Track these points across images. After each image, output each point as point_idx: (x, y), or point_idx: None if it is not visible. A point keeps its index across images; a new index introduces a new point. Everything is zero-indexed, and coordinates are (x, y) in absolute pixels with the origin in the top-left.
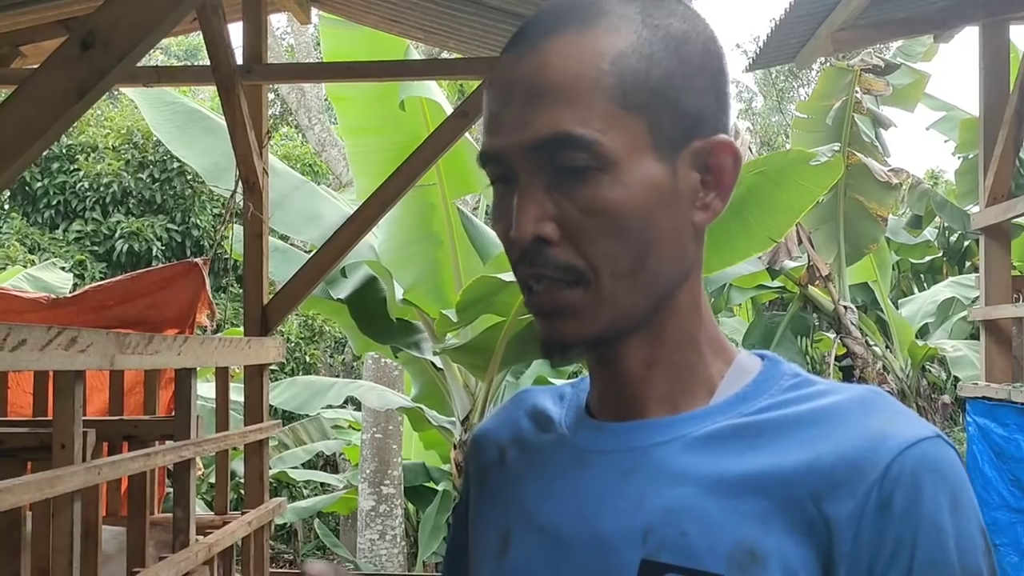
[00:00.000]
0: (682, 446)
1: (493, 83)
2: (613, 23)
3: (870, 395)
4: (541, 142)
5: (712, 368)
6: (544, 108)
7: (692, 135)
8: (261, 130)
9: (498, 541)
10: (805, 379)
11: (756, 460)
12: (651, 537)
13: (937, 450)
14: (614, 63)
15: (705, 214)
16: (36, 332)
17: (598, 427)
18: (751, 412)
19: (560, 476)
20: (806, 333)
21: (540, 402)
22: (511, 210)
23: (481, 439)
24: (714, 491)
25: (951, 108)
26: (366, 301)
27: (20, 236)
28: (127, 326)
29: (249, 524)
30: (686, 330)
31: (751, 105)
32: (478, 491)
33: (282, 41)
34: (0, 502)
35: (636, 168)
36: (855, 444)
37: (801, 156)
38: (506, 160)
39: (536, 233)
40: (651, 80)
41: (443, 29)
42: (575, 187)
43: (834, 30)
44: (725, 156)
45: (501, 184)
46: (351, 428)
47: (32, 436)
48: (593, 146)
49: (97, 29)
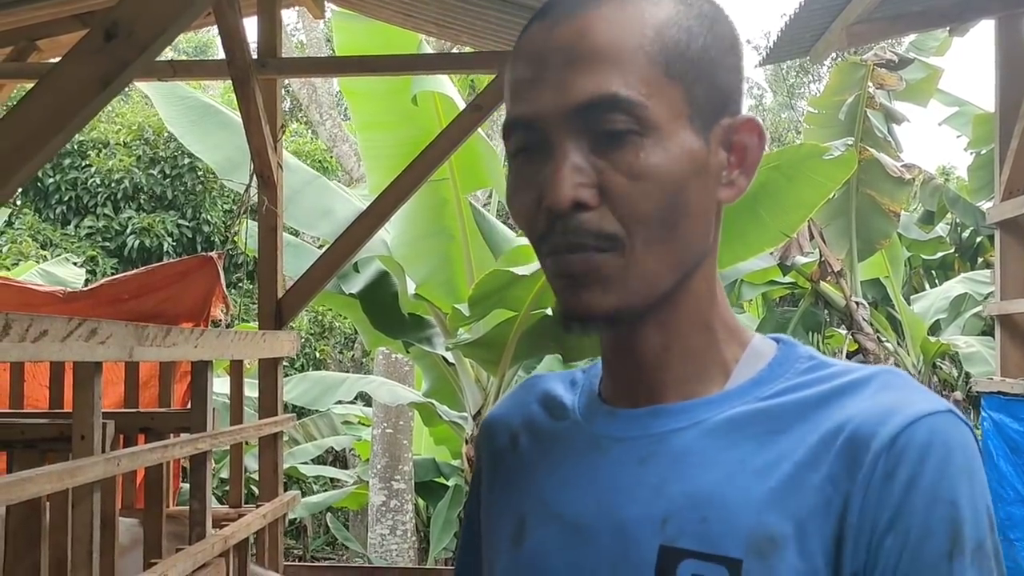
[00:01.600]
0: (700, 432)
1: (523, 51)
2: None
3: (885, 373)
4: (586, 104)
5: (727, 352)
6: (589, 71)
7: (722, 111)
8: (275, 124)
9: (513, 528)
10: (821, 361)
11: (775, 446)
12: (670, 524)
13: (948, 424)
14: (658, 31)
15: (730, 191)
16: (57, 323)
17: (613, 413)
18: (767, 396)
19: (576, 464)
20: (817, 329)
21: (551, 388)
22: (537, 179)
23: (492, 425)
24: (733, 477)
25: (964, 103)
26: (378, 296)
27: (32, 232)
28: (142, 319)
29: (264, 517)
30: (701, 313)
31: (761, 101)
32: (490, 477)
33: (292, 37)
34: (22, 492)
35: (676, 136)
36: (866, 417)
37: (814, 151)
38: (542, 125)
39: (576, 198)
40: (691, 52)
41: (456, 23)
42: (616, 151)
43: (849, 24)
44: (751, 135)
45: (527, 154)
46: (361, 423)
47: (52, 427)
48: (638, 109)
49: (120, 20)
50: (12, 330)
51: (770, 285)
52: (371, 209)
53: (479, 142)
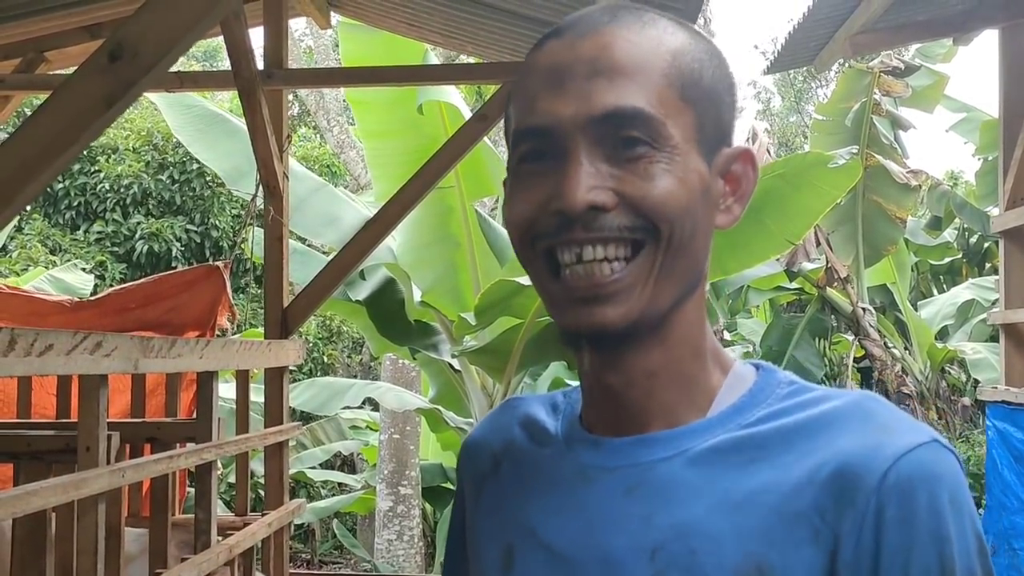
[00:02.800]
0: (685, 461)
1: (539, 64)
2: (666, 27)
3: (866, 401)
4: (608, 114)
5: (712, 378)
6: (612, 83)
7: (722, 143)
8: (281, 134)
9: (501, 557)
10: (801, 386)
11: (759, 475)
12: (659, 555)
13: (932, 456)
14: (676, 57)
15: (726, 217)
16: (62, 337)
17: (597, 442)
18: (750, 424)
19: (563, 493)
20: (824, 335)
21: (533, 412)
22: (545, 183)
23: (473, 447)
24: (720, 508)
25: (971, 110)
26: (384, 303)
27: (42, 237)
28: (149, 328)
29: (269, 525)
30: (692, 339)
31: (769, 106)
32: (474, 501)
33: (301, 43)
34: (28, 504)
35: (687, 156)
36: (853, 453)
37: (820, 158)
38: (559, 133)
39: (591, 201)
40: (704, 81)
41: (461, 34)
42: (632, 163)
43: (853, 33)
44: (746, 166)
45: (537, 162)
46: (368, 428)
47: (57, 439)
48: (657, 125)
49: (125, 41)
50: (17, 345)
51: (777, 291)
52: (377, 217)
53: (485, 151)
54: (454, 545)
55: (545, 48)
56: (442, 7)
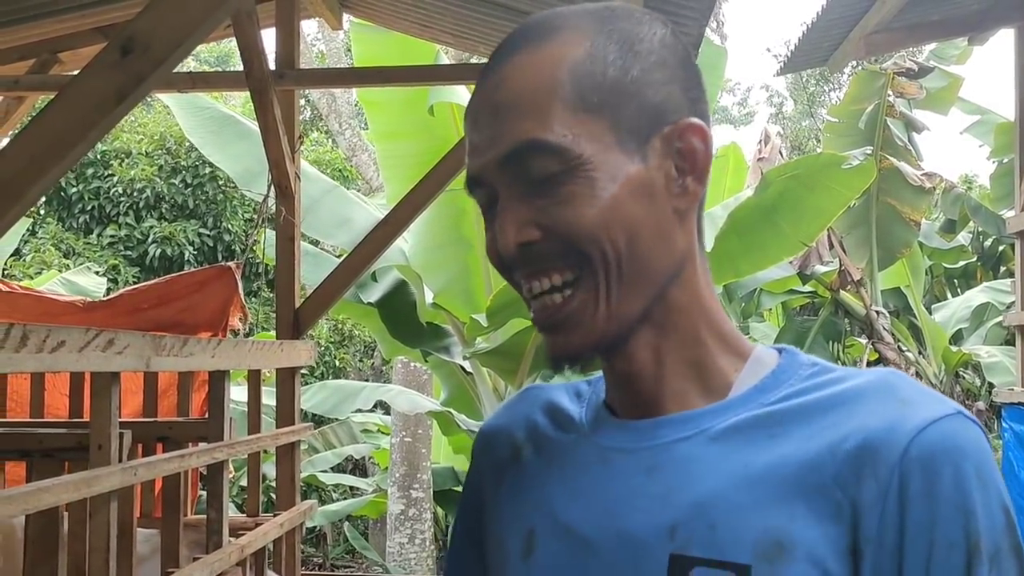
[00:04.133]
0: (705, 440)
1: (467, 110)
2: (568, 35)
3: (890, 376)
4: (511, 153)
5: (723, 361)
6: (508, 121)
7: (658, 125)
8: (293, 135)
9: (522, 541)
10: (824, 367)
11: (779, 449)
12: (679, 532)
13: (956, 427)
14: (570, 70)
15: (684, 199)
16: (75, 334)
17: (620, 425)
18: (771, 402)
19: (584, 476)
20: (837, 338)
21: (556, 399)
22: (493, 228)
23: (492, 435)
24: (739, 482)
25: (985, 112)
26: (396, 305)
27: (55, 241)
28: (161, 329)
29: (281, 526)
30: (689, 325)
31: (781, 109)
32: (494, 489)
33: (313, 47)
34: (40, 502)
35: (605, 165)
36: (876, 426)
37: (833, 160)
38: (486, 180)
39: (519, 240)
40: (607, 80)
41: (473, 34)
42: (550, 192)
43: (867, 33)
44: (694, 138)
45: (488, 210)
46: (380, 432)
47: (70, 437)
48: (561, 150)
49: (136, 35)
50: (30, 341)
51: (789, 294)
52: (389, 218)
53: None
54: (460, 542)
55: (475, 88)
56: (454, 7)
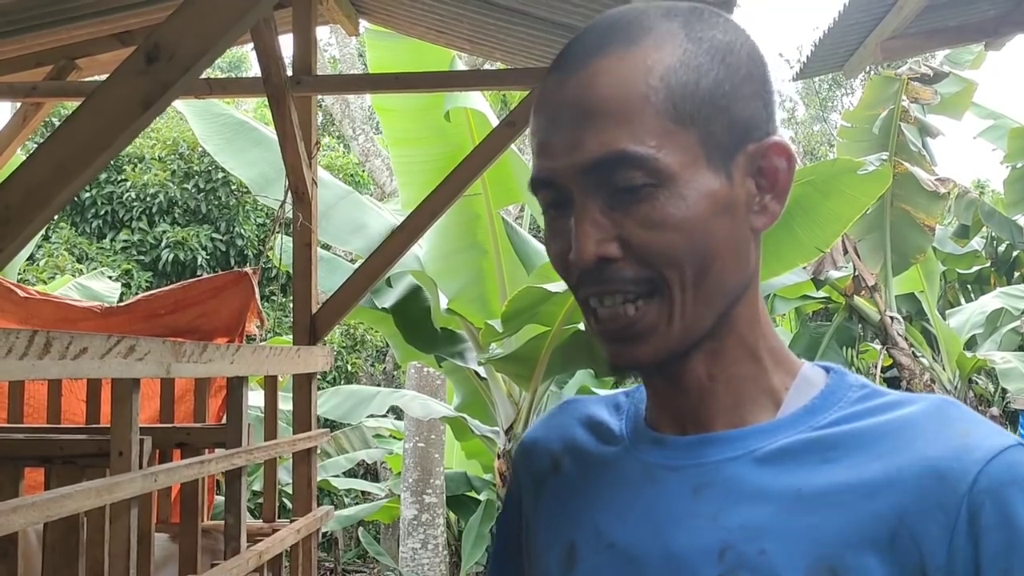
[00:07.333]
0: (753, 461)
1: (540, 107)
2: (658, 39)
3: (945, 405)
4: (596, 163)
5: (774, 379)
6: (596, 128)
7: (744, 142)
8: (310, 141)
9: (563, 555)
10: (874, 390)
11: (833, 475)
12: (728, 555)
13: (1020, 458)
14: (663, 78)
15: (763, 217)
16: (97, 341)
17: (663, 441)
18: (822, 425)
19: (629, 492)
20: (851, 344)
21: (595, 412)
22: (566, 232)
23: (531, 447)
24: (792, 507)
25: (999, 116)
26: (411, 310)
27: (68, 246)
28: (178, 334)
29: (298, 532)
30: (747, 341)
31: (793, 115)
32: (534, 501)
33: (325, 53)
34: (61, 508)
35: (693, 181)
36: (938, 456)
37: (848, 165)
38: (560, 184)
39: (599, 254)
40: (700, 91)
41: (489, 40)
42: (633, 205)
43: (885, 38)
44: (778, 158)
45: (554, 209)
46: (393, 437)
47: (90, 443)
48: (649, 163)
49: (162, 43)
50: (53, 348)
51: (803, 300)
52: (405, 224)
53: (512, 157)
54: (501, 546)
55: (547, 83)
56: (469, 13)
